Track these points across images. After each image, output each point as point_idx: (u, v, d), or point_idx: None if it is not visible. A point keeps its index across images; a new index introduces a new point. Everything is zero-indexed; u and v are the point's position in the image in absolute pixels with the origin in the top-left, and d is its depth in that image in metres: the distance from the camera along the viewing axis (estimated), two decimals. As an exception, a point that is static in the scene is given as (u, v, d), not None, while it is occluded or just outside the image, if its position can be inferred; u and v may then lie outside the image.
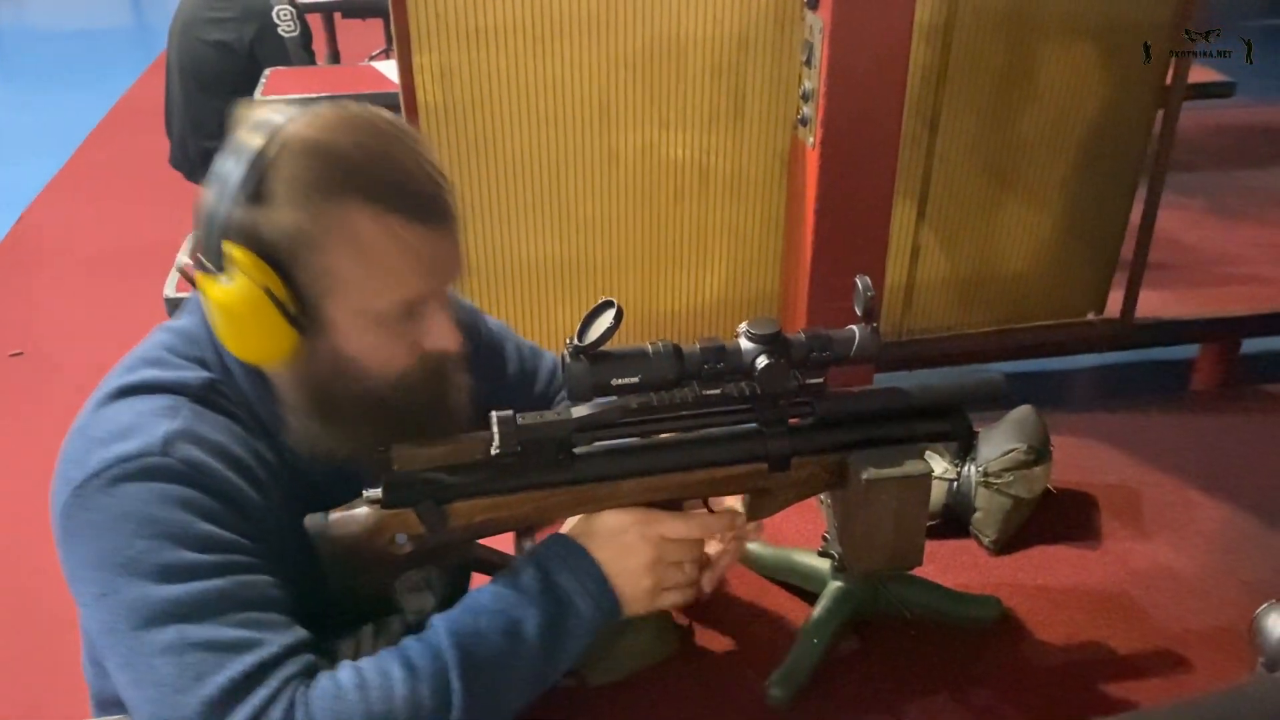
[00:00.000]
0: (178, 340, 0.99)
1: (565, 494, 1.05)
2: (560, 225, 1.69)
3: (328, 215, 0.89)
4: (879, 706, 1.16)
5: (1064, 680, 1.18)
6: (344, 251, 0.90)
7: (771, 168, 1.61)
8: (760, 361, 1.04)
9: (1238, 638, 1.23)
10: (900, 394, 1.10)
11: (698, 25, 1.53)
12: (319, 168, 0.88)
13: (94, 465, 0.88)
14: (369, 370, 0.96)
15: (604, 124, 1.60)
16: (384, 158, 0.92)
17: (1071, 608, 1.27)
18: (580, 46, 1.54)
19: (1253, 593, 1.30)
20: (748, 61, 1.55)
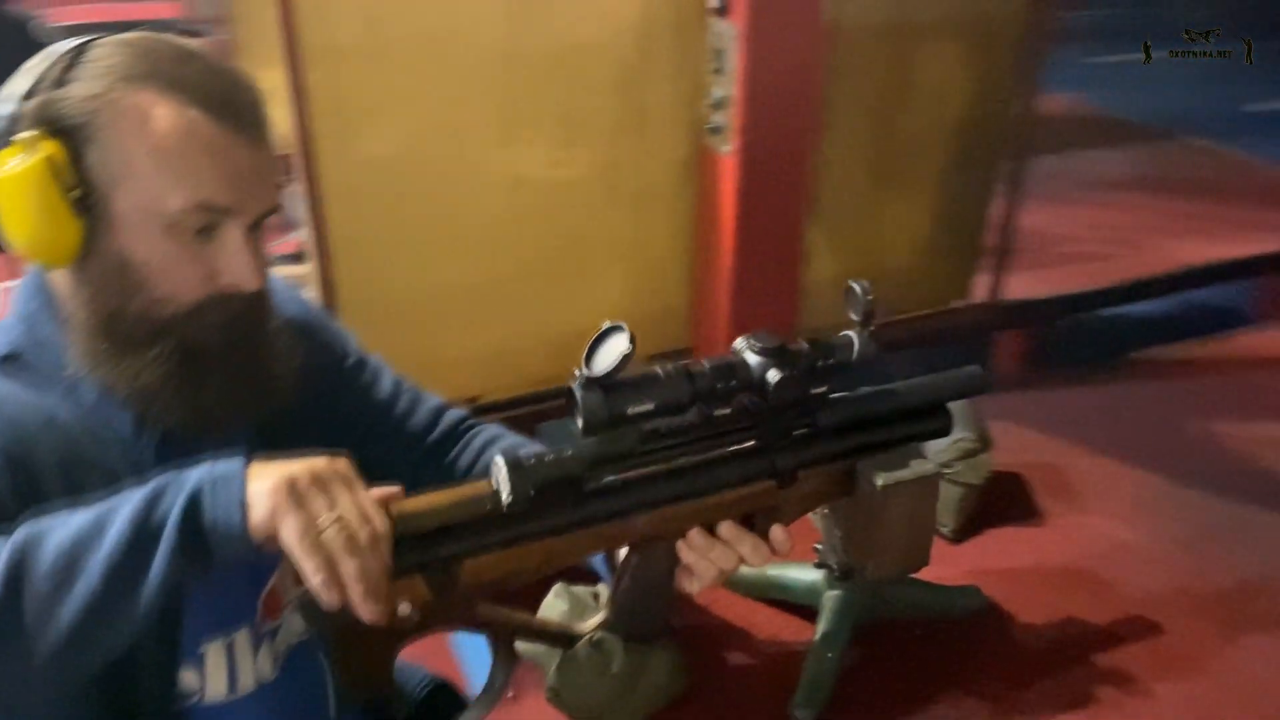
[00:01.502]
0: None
1: (580, 536, 0.98)
2: (461, 248, 1.60)
3: (125, 97, 0.82)
4: (900, 710, 1.16)
5: (1057, 658, 1.22)
6: (137, 137, 0.83)
7: (675, 178, 1.58)
8: (772, 375, 1.01)
9: (1193, 595, 1.31)
10: (894, 396, 1.09)
11: (597, 38, 1.48)
12: (125, 55, 0.82)
13: None
14: (157, 287, 0.87)
15: (505, 141, 1.53)
16: (196, 56, 0.86)
17: (1042, 588, 1.32)
18: (479, 63, 1.47)
19: (1189, 550, 1.39)
20: (648, 73, 1.51)
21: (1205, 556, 1.36)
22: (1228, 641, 1.22)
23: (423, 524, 0.91)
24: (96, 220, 0.84)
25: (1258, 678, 1.18)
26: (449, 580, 0.93)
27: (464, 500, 0.93)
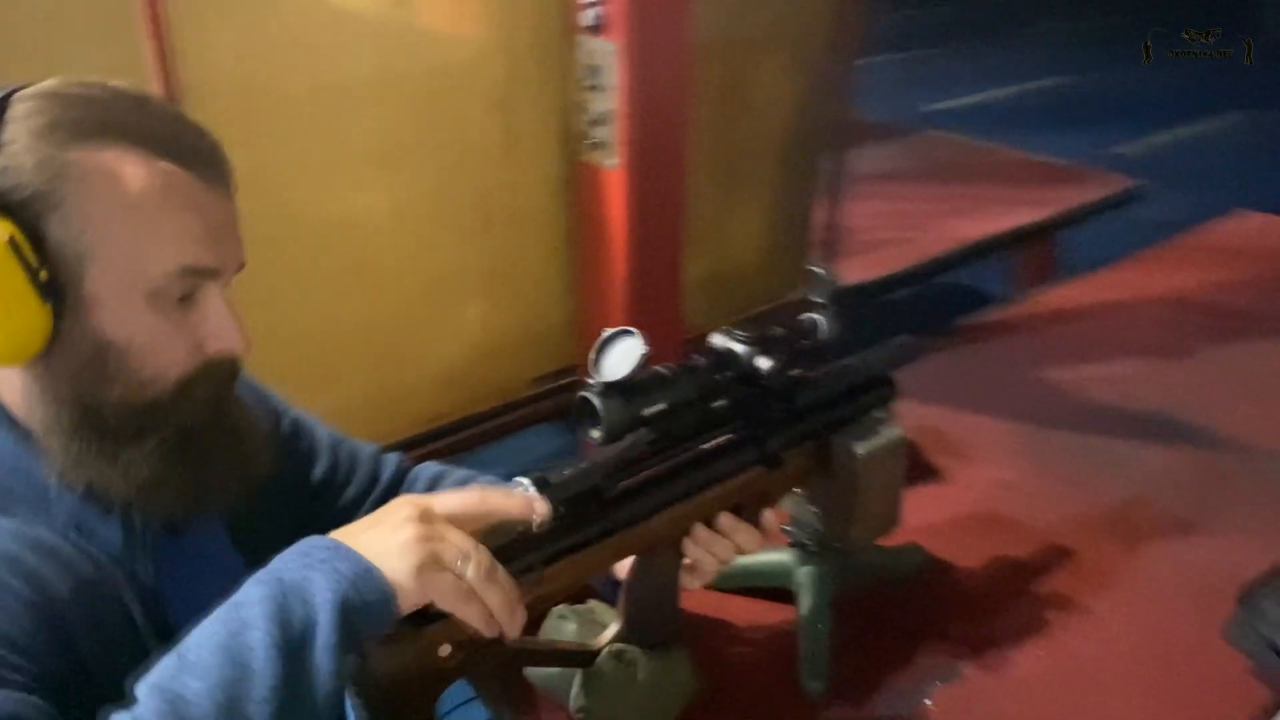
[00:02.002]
0: None
1: (604, 546, 1.00)
2: (343, 287, 1.54)
3: (87, 157, 0.72)
4: (888, 666, 1.23)
5: (1000, 594, 1.35)
6: (108, 200, 0.72)
7: (549, 198, 1.60)
8: (761, 362, 1.07)
9: (1087, 518, 1.47)
10: (851, 371, 1.18)
11: (465, 63, 1.47)
12: (69, 107, 0.72)
13: None
14: (143, 368, 0.77)
15: (382, 172, 1.48)
16: (148, 101, 0.77)
17: (963, 536, 1.44)
18: (353, 94, 1.42)
19: (1069, 481, 1.56)
20: (518, 95, 1.53)
21: (1084, 484, 1.53)
22: (1129, 550, 1.39)
23: None
24: (66, 303, 0.72)
25: (1163, 574, 1.35)
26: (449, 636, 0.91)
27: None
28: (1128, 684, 1.19)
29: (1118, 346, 1.91)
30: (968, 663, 1.21)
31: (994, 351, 1.92)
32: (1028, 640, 1.25)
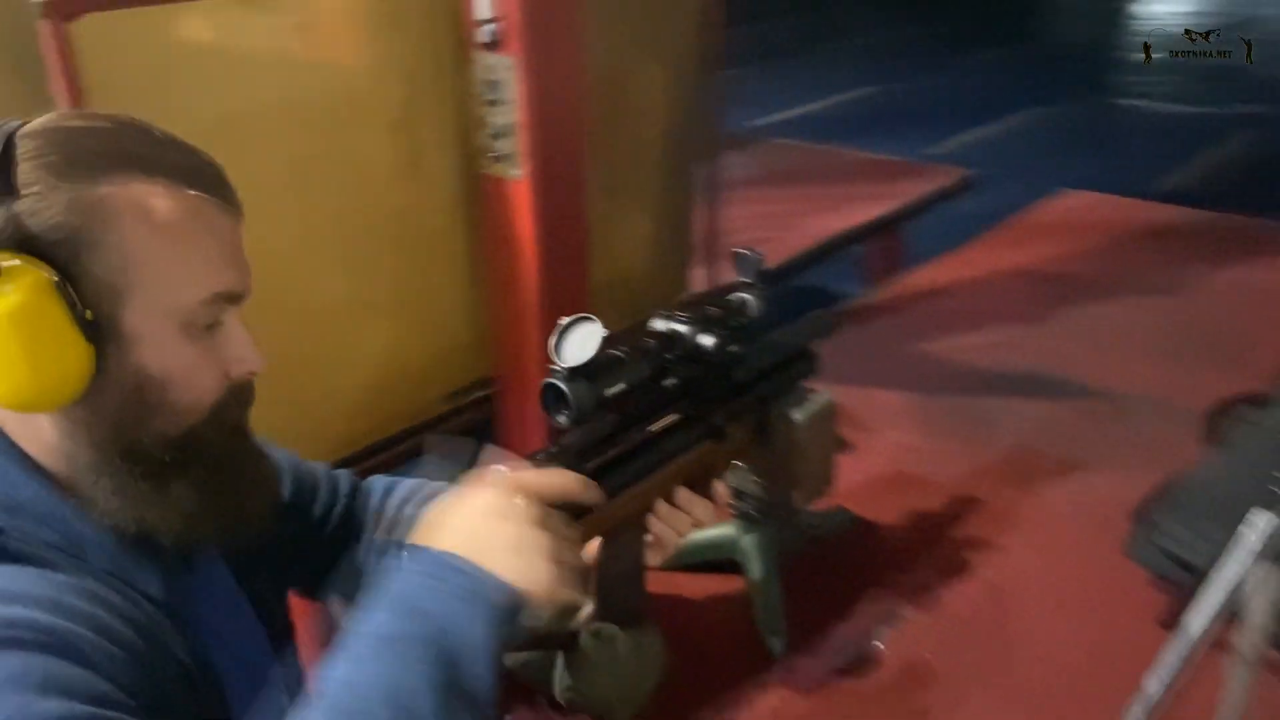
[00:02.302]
0: None
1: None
2: (251, 315, 1.52)
3: (114, 193, 0.72)
4: (835, 617, 1.32)
5: (925, 543, 1.47)
6: (141, 232, 0.73)
7: (451, 213, 1.63)
8: (704, 340, 1.13)
9: (988, 469, 1.60)
10: (778, 345, 1.26)
11: (365, 87, 1.49)
12: (79, 144, 0.72)
13: None
14: (180, 398, 0.77)
15: (292, 196, 1.48)
16: (153, 129, 0.78)
17: (880, 495, 1.55)
18: (262, 118, 1.41)
19: (965, 441, 1.70)
20: (416, 114, 1.55)
21: (975, 439, 1.67)
22: (1026, 492, 1.53)
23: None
24: (107, 340, 0.73)
25: (1060, 508, 1.49)
26: None
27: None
28: (1046, 606, 1.31)
29: (981, 317, 2.07)
30: (906, 605, 1.31)
31: (874, 332, 2.05)
32: (954, 579, 1.36)
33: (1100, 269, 2.28)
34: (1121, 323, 2.03)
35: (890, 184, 2.84)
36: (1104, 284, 2.19)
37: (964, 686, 1.19)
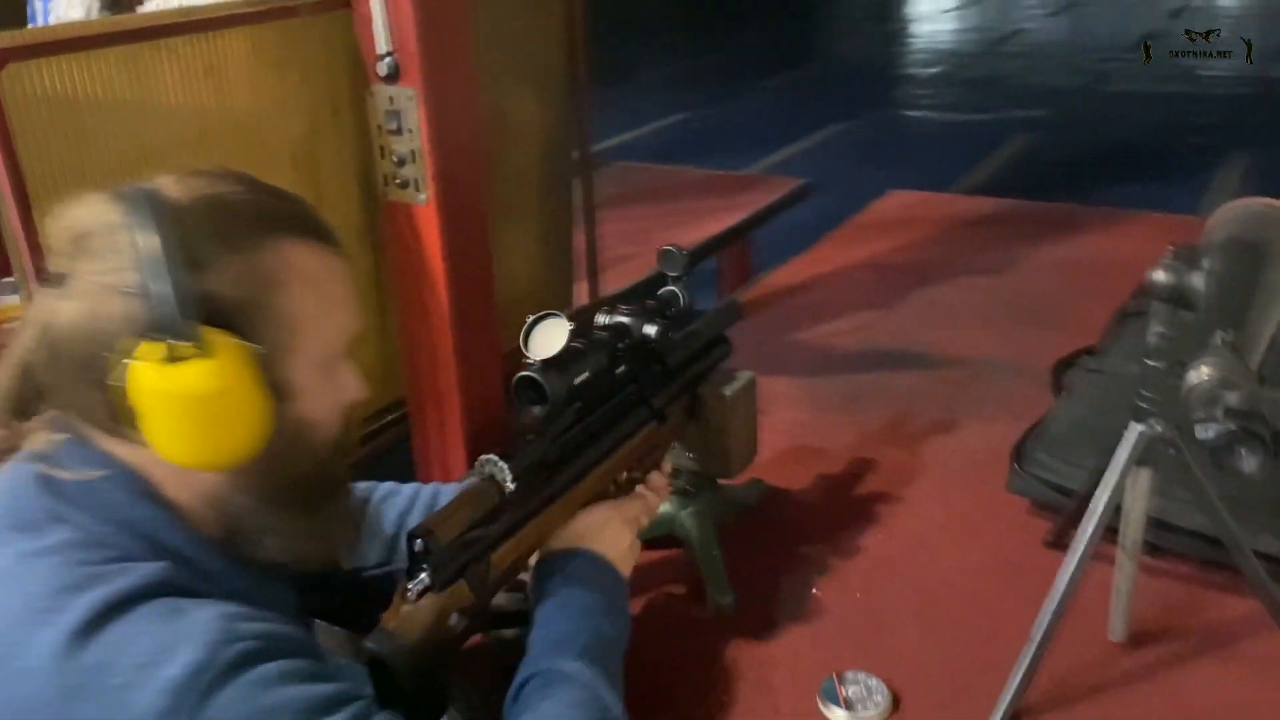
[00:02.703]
0: (87, 543, 0.79)
1: (556, 508, 1.15)
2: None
3: (273, 257, 0.81)
4: (769, 576, 1.45)
5: (838, 506, 1.62)
6: (300, 293, 0.82)
7: (354, 243, 1.68)
8: (648, 329, 1.26)
9: (879, 434, 1.77)
10: (698, 333, 1.39)
11: (270, 123, 1.54)
12: (236, 213, 0.81)
13: (158, 703, 0.72)
14: (325, 437, 0.87)
15: None
16: (274, 188, 0.87)
17: (787, 467, 1.70)
18: (176, 165, 1.43)
19: (851, 414, 1.87)
20: (319, 147, 1.60)
21: (860, 411, 1.84)
22: (913, 451, 1.71)
23: (452, 531, 1.02)
24: (281, 398, 0.81)
25: (946, 460, 1.68)
26: (484, 576, 1.05)
27: (474, 500, 1.07)
28: (949, 542, 1.48)
29: (840, 306, 2.27)
30: (832, 557, 1.46)
31: (748, 327, 2.21)
32: (868, 528, 1.52)
33: (934, 256, 2.53)
34: (960, 300, 2.27)
35: (735, 196, 3.04)
36: (939, 268, 2.44)
37: (895, 617, 1.34)
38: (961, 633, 1.31)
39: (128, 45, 1.33)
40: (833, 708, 1.18)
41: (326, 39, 1.60)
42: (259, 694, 0.75)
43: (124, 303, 0.76)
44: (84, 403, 0.80)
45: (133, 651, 0.73)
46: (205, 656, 0.73)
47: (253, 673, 0.75)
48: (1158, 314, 1.10)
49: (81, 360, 0.78)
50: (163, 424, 0.77)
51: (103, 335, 0.76)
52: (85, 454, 0.81)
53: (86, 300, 0.77)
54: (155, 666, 0.73)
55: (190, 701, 0.72)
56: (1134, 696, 1.19)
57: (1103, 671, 1.23)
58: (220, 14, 1.47)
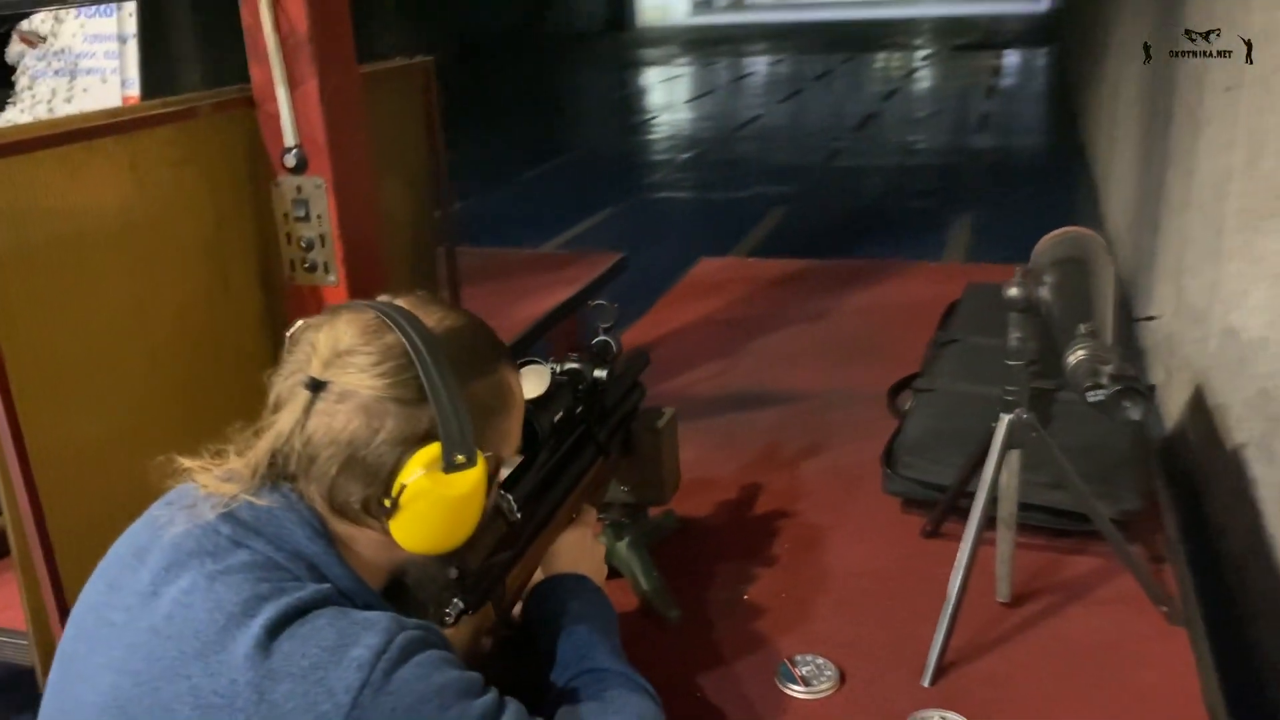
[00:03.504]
0: (264, 564, 0.95)
1: (549, 531, 1.29)
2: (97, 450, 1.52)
3: (500, 380, 1.05)
4: (707, 586, 1.62)
5: (750, 530, 1.81)
6: (511, 406, 1.07)
7: (260, 326, 1.73)
8: (599, 373, 1.42)
9: (757, 466, 1.98)
10: (624, 376, 1.56)
11: (184, 215, 1.59)
12: (477, 343, 1.04)
13: (352, 679, 0.88)
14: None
15: (136, 331, 1.52)
16: (488, 325, 1.10)
17: (690, 497, 1.88)
18: (101, 258, 1.46)
19: (729, 448, 2.07)
20: (226, 236, 1.66)
21: (736, 445, 2.05)
22: (793, 472, 1.93)
23: (478, 559, 1.15)
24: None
25: (819, 476, 1.90)
26: (501, 598, 1.20)
27: (490, 529, 1.22)
28: (846, 542, 1.70)
29: (693, 359, 2.49)
30: (751, 567, 1.64)
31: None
32: (775, 539, 1.72)
33: (759, 310, 2.81)
34: (793, 345, 2.55)
35: (559, 273, 3.22)
36: (767, 320, 2.71)
37: (820, 608, 1.53)
38: (877, 613, 1.52)
39: (63, 147, 1.37)
40: (791, 685, 1.35)
41: (226, 137, 1.68)
42: (431, 673, 0.89)
43: (402, 413, 0.93)
44: (338, 493, 0.95)
45: (320, 640, 0.87)
46: (384, 640, 0.88)
47: (422, 656, 0.89)
48: (1014, 322, 1.37)
49: (349, 458, 0.93)
50: (421, 520, 0.96)
51: (378, 440, 0.93)
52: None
53: (362, 408, 0.93)
54: (343, 650, 0.86)
55: (377, 677, 0.85)
56: (1026, 643, 1.44)
57: (998, 626, 1.47)
58: (140, 115, 1.52)
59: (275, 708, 0.84)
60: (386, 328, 0.96)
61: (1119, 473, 1.65)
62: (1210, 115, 3.20)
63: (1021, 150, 9.12)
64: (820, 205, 7.20)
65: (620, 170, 8.89)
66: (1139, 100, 5.20)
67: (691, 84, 14.50)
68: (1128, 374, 1.06)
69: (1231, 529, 2.45)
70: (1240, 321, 2.59)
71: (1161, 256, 3.81)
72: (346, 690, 0.85)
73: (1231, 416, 2.58)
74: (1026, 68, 14.36)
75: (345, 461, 0.93)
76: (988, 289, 2.54)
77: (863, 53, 16.52)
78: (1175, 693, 1.31)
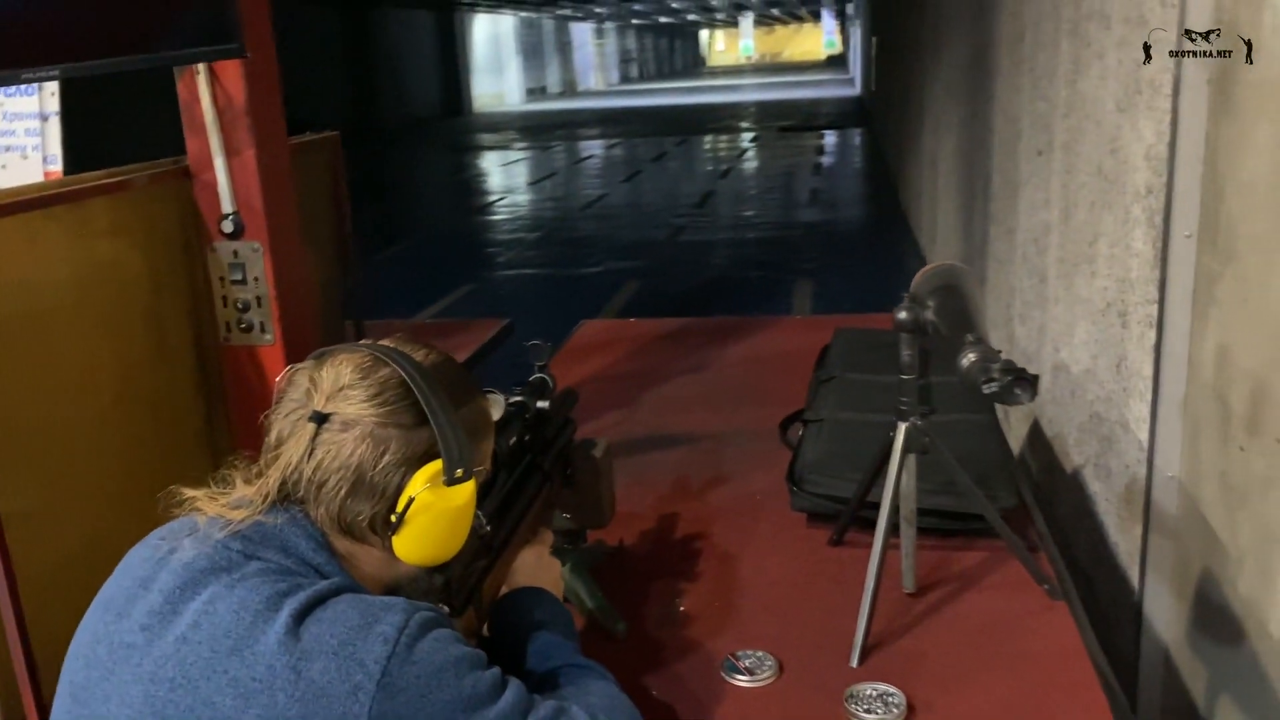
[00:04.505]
0: (277, 570, 1.06)
1: (513, 545, 1.41)
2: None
3: (481, 407, 1.19)
4: (644, 603, 1.76)
5: (676, 553, 1.95)
6: (489, 432, 1.21)
7: (194, 386, 1.78)
8: (540, 404, 1.56)
9: (672, 498, 2.13)
10: (561, 409, 1.70)
11: (130, 280, 1.65)
12: (460, 376, 1.19)
13: (380, 651, 1.01)
14: None
15: (90, 392, 1.56)
16: (458, 361, 1.26)
17: (613, 529, 2.01)
18: (58, 328, 1.51)
19: (644, 484, 2.22)
20: (165, 300, 1.72)
21: (649, 481, 2.20)
22: (705, 501, 2.09)
23: (460, 566, 1.27)
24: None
25: (730, 503, 2.07)
26: (481, 603, 1.33)
27: (467, 544, 1.35)
28: (761, 556, 1.87)
29: (593, 411, 2.62)
30: (680, 583, 1.79)
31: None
32: (699, 560, 1.87)
33: (647, 365, 2.99)
34: (686, 394, 2.73)
35: (449, 340, 3.33)
36: (657, 374, 2.90)
37: (750, 613, 1.69)
38: (801, 612, 1.68)
39: (23, 214, 1.43)
40: (737, 676, 1.50)
41: (162, 206, 1.75)
42: (447, 646, 1.00)
43: (404, 436, 1.06)
44: (346, 513, 1.06)
45: (346, 621, 0.97)
46: (405, 618, 0.99)
47: (438, 632, 1.01)
48: (904, 341, 1.59)
49: (356, 480, 1.05)
50: (424, 532, 1.08)
51: (384, 461, 1.05)
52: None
53: (367, 435, 1.05)
54: (369, 627, 0.97)
55: (402, 649, 0.97)
56: (934, 623, 1.63)
57: (909, 612, 1.66)
58: (85, 185, 1.59)
59: (313, 683, 0.94)
60: (381, 363, 1.09)
61: (994, 476, 1.89)
62: (1026, 178, 3.62)
63: (849, 220, 9.76)
64: (670, 277, 7.53)
65: (472, 249, 9.05)
66: (957, 170, 5.74)
67: (532, 167, 14.86)
68: (1015, 367, 1.27)
69: (1077, 543, 2.75)
70: (1069, 357, 2.93)
71: (992, 308, 4.21)
72: (376, 661, 0.96)
73: (1069, 442, 2.90)
74: (846, 146, 15.36)
75: (354, 483, 1.05)
76: (855, 332, 2.81)
77: (694, 135, 17.30)
78: (1063, 653, 1.53)
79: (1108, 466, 2.52)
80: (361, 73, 18.68)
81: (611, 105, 24.33)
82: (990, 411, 2.24)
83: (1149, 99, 2.19)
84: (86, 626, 1.08)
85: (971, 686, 1.46)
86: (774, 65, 58.25)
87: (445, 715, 0.97)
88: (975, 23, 4.90)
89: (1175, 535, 2.12)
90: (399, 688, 0.95)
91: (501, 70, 27.38)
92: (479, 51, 25.43)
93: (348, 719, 0.93)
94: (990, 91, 4.44)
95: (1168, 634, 2.17)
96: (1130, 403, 2.32)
